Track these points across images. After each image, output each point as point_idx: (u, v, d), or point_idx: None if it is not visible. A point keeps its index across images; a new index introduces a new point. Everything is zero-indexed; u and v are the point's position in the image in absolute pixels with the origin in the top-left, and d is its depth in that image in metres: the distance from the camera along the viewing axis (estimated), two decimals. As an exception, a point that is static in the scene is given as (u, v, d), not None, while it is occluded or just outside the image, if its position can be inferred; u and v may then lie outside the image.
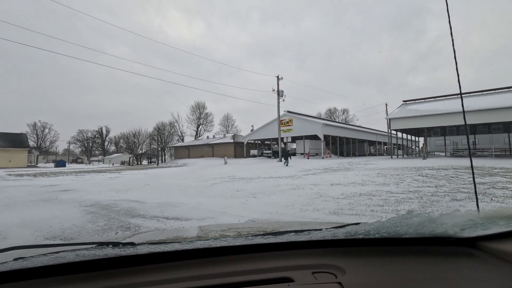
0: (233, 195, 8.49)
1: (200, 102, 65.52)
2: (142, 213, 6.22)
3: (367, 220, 4.93)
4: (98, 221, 5.56)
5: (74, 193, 10.40)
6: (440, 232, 0.81)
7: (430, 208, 5.51)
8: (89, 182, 15.57)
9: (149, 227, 5.00)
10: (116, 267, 0.73)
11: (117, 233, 4.67)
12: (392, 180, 9.95)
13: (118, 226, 5.13)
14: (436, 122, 26.30)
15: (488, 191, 7.02)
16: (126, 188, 11.77)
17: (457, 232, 0.79)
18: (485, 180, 9.03)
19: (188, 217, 5.69)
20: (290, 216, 5.53)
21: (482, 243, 0.76)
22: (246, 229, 1.50)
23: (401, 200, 6.43)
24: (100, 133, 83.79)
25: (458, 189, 7.60)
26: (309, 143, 34.72)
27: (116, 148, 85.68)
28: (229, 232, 1.36)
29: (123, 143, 73.01)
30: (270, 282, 0.69)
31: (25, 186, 13.71)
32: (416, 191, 7.59)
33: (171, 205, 7.14)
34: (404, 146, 36.45)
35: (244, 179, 12.94)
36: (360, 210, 5.66)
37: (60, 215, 6.21)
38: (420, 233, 0.82)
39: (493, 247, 0.73)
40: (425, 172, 11.93)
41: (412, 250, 0.82)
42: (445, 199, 6.37)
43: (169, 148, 60.31)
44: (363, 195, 7.38)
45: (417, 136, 39.62)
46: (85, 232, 4.73)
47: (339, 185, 9.52)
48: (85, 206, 7.37)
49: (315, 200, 6.96)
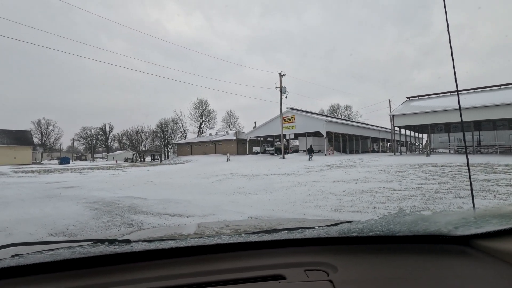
0: (236, 192, 8.52)
1: (203, 99, 65.56)
2: (145, 210, 6.27)
3: (369, 217, 4.93)
4: (102, 217, 5.62)
5: (78, 190, 10.49)
6: (434, 230, 0.81)
7: (433, 205, 5.48)
8: (93, 179, 15.70)
9: (151, 224, 5.05)
10: (111, 264, 0.74)
11: (120, 229, 4.71)
12: (395, 177, 9.91)
13: (121, 222, 5.18)
14: (440, 118, 26.08)
15: (492, 188, 6.98)
16: (129, 185, 11.85)
17: (450, 230, 0.79)
18: (489, 177, 8.97)
19: (190, 213, 5.73)
20: (292, 212, 5.54)
21: (476, 241, 0.76)
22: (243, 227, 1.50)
23: (404, 197, 6.42)
24: (104, 130, 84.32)
25: (461, 186, 7.56)
26: (312, 140, 34.64)
27: (119, 145, 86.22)
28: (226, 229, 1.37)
29: (126, 140, 73.42)
30: (262, 279, 0.70)
31: (30, 183, 13.86)
32: (419, 188, 7.56)
33: (173, 202, 7.18)
34: (407, 142, 36.24)
35: (246, 176, 12.97)
36: (362, 207, 5.66)
37: (64, 212, 6.28)
38: (413, 231, 0.81)
39: (487, 245, 0.73)
40: (428, 169, 11.86)
41: (406, 248, 0.82)
42: (448, 196, 6.34)
43: (172, 145, 60.53)
44: (366, 192, 7.36)
45: (420, 133, 39.37)
46: (88, 228, 4.78)
47: (341, 182, 9.50)
48: (88, 203, 7.44)
49: (317, 197, 6.96)
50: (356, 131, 40.22)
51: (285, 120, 34.60)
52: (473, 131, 26.22)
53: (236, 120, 69.53)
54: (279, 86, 30.18)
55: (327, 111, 71.81)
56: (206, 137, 53.05)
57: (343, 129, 37.13)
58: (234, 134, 47.03)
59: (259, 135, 41.45)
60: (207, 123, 66.00)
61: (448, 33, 1.45)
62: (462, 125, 1.43)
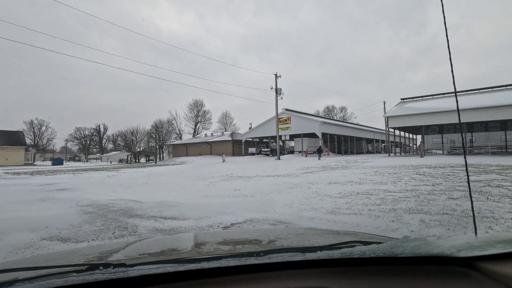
0: (231, 194, 8.50)
1: (198, 100, 65.41)
2: (139, 213, 6.20)
3: (364, 219, 4.96)
4: (96, 221, 5.55)
5: (71, 192, 10.36)
6: (436, 252, 0.80)
7: (427, 207, 5.53)
8: (86, 180, 15.52)
9: (146, 227, 5.00)
10: None
11: (115, 233, 4.66)
12: (390, 179, 9.98)
13: (115, 226, 5.12)
14: (434, 120, 26.40)
15: (484, 189, 7.07)
16: (124, 187, 11.74)
17: (453, 253, 0.78)
18: (481, 178, 9.09)
19: (186, 217, 5.69)
20: (288, 215, 5.54)
21: (479, 263, 0.75)
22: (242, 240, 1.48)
23: (398, 199, 6.46)
24: (98, 130, 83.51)
25: (454, 187, 7.64)
26: (307, 141, 34.75)
27: (114, 146, 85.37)
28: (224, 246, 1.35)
29: (121, 141, 72.77)
30: None
31: (22, 185, 13.64)
32: (413, 189, 7.62)
33: (168, 204, 7.13)
34: (401, 144, 36.60)
35: (242, 177, 12.94)
36: (357, 210, 5.68)
37: (57, 215, 6.19)
38: (416, 253, 0.81)
39: (490, 268, 0.73)
40: (423, 171, 11.98)
41: (408, 269, 0.81)
42: (441, 197, 6.41)
43: (167, 146, 60.20)
44: (361, 194, 7.40)
45: (414, 134, 39.79)
46: (82, 233, 4.71)
47: (336, 183, 9.54)
48: (82, 206, 7.34)
49: (313, 200, 6.97)
50: (351, 132, 40.50)
51: (280, 121, 34.67)
52: (465, 132, 26.60)
53: (231, 121, 69.65)
54: (275, 87, 30.24)
55: (323, 112, 72.21)
56: (202, 138, 52.88)
57: (338, 130, 37.35)
58: (229, 135, 47.00)
59: (254, 136, 41.47)
60: (202, 124, 65.90)
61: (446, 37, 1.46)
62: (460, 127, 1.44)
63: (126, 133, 66.20)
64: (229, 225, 4.98)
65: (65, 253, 1.76)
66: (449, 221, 4.55)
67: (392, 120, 28.94)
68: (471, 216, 1.12)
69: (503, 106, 22.57)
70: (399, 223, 4.64)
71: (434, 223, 4.48)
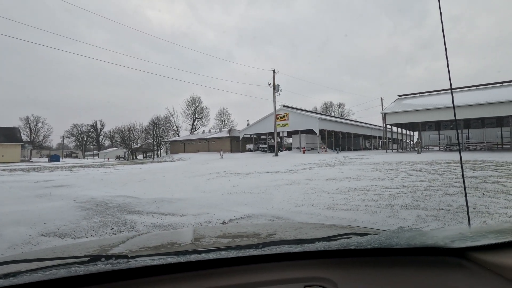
0: (229, 190, 8.51)
1: (195, 96, 65.17)
2: (137, 209, 6.21)
3: (361, 215, 5.00)
4: (94, 217, 5.55)
5: (68, 189, 10.33)
6: (431, 243, 0.82)
7: (424, 203, 5.59)
8: (83, 177, 15.46)
9: (144, 223, 5.01)
10: (108, 281, 0.73)
11: (113, 229, 4.67)
12: (387, 175, 10.05)
13: (113, 222, 5.13)
14: (431, 116, 26.53)
15: (480, 186, 7.14)
16: (122, 183, 11.72)
17: (447, 243, 0.80)
18: (477, 174, 9.18)
19: (184, 213, 5.70)
20: (285, 211, 5.57)
21: (472, 253, 0.77)
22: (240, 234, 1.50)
23: (395, 195, 6.52)
24: (95, 127, 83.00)
25: (450, 183, 7.72)
26: (305, 138, 34.79)
27: (111, 142, 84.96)
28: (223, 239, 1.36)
29: (118, 138, 72.44)
30: None
31: (19, 182, 13.58)
32: (410, 185, 7.69)
33: (166, 201, 7.14)
34: (399, 140, 36.78)
35: (240, 174, 12.96)
36: (354, 205, 5.73)
37: (55, 212, 6.18)
38: (411, 244, 0.83)
39: (482, 258, 0.74)
40: (419, 167, 12.07)
41: (403, 260, 0.83)
42: (438, 193, 6.47)
43: (165, 142, 60.05)
44: (358, 190, 7.45)
45: (412, 131, 39.95)
46: (80, 229, 4.71)
47: (334, 180, 9.59)
48: (80, 202, 7.33)
49: (311, 196, 7.01)
50: (348, 128, 40.60)
51: (278, 117, 34.65)
52: (462, 129, 26.77)
53: (229, 118, 69.50)
54: (273, 84, 30.17)
55: (320, 108, 72.23)
56: (199, 135, 52.77)
57: (336, 126, 37.42)
58: (227, 132, 46.93)
59: (252, 133, 41.44)
60: (200, 120, 65.70)
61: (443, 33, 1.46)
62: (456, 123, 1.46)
63: (123, 129, 65.97)
64: (227, 221, 5.00)
65: (66, 247, 1.77)
66: (445, 216, 4.61)
67: (389, 117, 29.04)
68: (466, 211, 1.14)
69: (499, 102, 22.72)
70: (396, 218, 4.69)
71: (430, 218, 4.53)
